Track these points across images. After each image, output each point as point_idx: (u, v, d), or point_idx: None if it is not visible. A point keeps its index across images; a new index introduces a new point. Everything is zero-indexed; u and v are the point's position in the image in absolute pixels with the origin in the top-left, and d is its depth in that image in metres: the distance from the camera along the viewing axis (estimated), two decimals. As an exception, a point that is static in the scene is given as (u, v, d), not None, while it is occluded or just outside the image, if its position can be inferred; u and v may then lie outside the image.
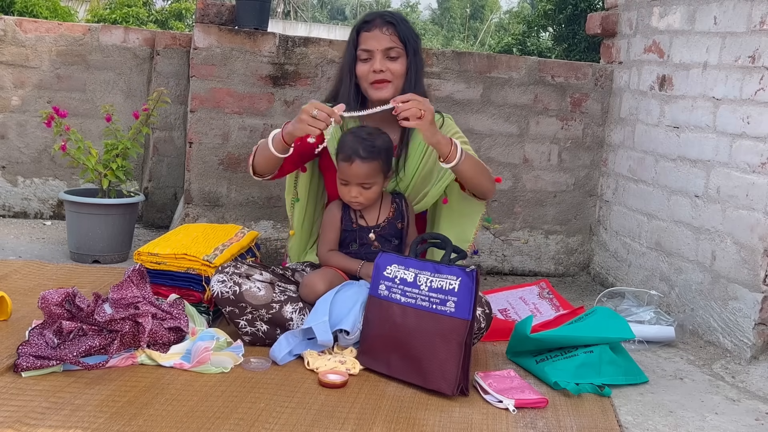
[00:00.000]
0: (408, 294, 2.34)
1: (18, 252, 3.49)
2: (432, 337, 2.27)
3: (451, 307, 2.27)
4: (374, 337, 2.39)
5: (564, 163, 3.89)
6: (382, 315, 2.37)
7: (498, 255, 3.89)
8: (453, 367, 2.23)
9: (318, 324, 2.38)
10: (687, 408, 2.37)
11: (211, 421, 1.97)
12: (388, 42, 2.64)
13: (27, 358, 2.14)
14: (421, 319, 2.30)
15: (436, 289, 2.31)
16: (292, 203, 2.84)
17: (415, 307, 2.32)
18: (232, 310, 2.48)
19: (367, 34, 2.65)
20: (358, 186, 2.57)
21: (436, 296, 2.30)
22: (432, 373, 2.26)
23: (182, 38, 4.11)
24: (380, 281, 2.40)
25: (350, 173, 2.56)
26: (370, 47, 2.63)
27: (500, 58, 3.80)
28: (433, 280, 2.32)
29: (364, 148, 2.53)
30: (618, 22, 3.89)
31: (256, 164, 2.68)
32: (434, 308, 2.29)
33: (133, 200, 3.53)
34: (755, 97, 2.85)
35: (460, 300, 2.26)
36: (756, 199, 2.81)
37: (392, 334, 2.34)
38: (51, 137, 4.01)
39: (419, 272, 2.35)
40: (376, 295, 2.40)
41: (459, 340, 2.24)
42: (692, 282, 3.13)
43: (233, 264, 2.56)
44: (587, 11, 10.30)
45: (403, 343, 2.31)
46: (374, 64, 2.63)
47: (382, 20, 2.66)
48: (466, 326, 2.25)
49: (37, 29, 4.03)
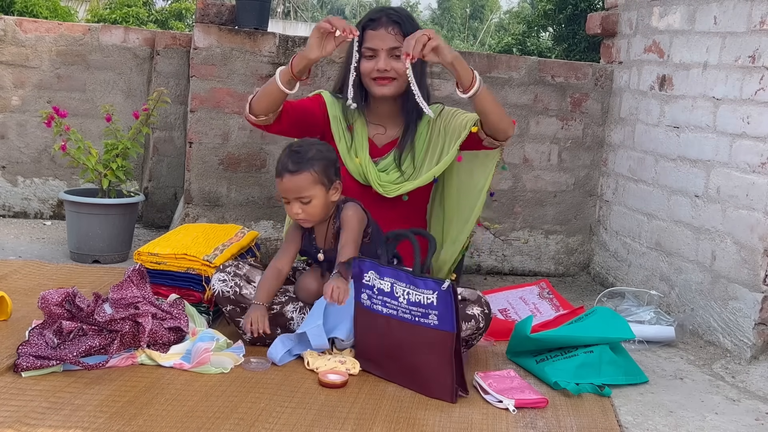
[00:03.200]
0: (388, 305, 2.30)
1: (18, 252, 3.49)
2: (421, 347, 2.25)
3: (434, 320, 2.22)
4: (368, 346, 2.38)
5: (564, 163, 3.89)
6: (370, 324, 2.36)
7: (498, 255, 3.89)
8: (447, 377, 2.21)
9: (312, 328, 2.37)
10: (687, 408, 2.37)
11: (211, 421, 1.97)
12: (393, 41, 2.65)
13: (27, 358, 2.14)
14: (406, 330, 2.27)
15: (414, 302, 2.24)
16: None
17: (397, 318, 2.28)
18: (233, 309, 2.48)
19: (372, 33, 2.66)
20: (297, 201, 2.44)
21: (417, 309, 2.24)
22: (428, 383, 2.24)
23: (182, 38, 4.11)
24: (362, 290, 2.36)
25: (282, 188, 2.45)
26: (375, 46, 2.65)
27: (500, 58, 3.80)
28: (410, 292, 2.25)
29: (292, 161, 2.42)
30: (618, 22, 3.89)
31: (255, 102, 2.61)
32: (417, 320, 2.25)
33: (133, 200, 3.53)
34: (755, 97, 2.85)
35: (442, 313, 2.20)
36: (756, 199, 2.81)
37: (382, 343, 2.32)
38: (51, 137, 4.01)
39: (395, 282, 2.28)
40: (360, 302, 2.38)
41: (447, 352, 2.21)
42: (692, 282, 3.13)
43: (234, 264, 2.56)
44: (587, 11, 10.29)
45: (395, 352, 2.30)
46: (379, 62, 2.64)
47: (388, 19, 2.66)
48: (452, 338, 2.20)
49: (37, 29, 4.03)
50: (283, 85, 2.53)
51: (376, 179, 2.75)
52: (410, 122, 2.77)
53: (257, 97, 2.61)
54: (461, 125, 2.73)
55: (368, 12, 2.78)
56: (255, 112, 2.62)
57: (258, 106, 2.61)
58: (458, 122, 2.75)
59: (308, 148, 2.46)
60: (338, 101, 2.79)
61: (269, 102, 2.59)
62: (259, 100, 2.60)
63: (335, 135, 2.75)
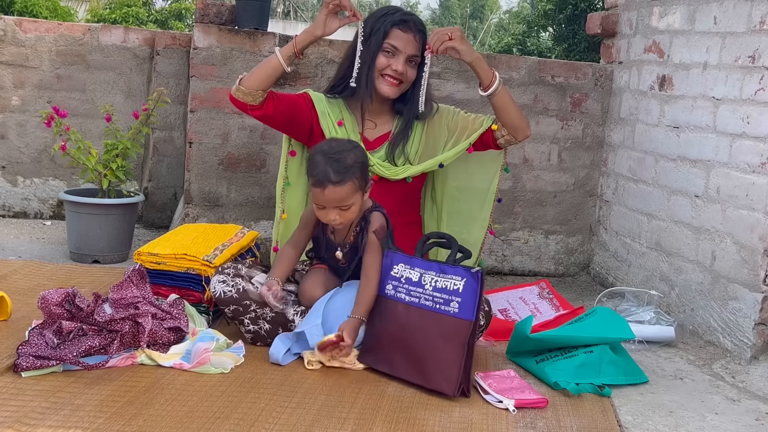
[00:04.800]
0: (412, 293, 2.35)
1: (18, 252, 3.49)
2: (434, 336, 2.27)
3: (455, 308, 2.27)
4: (378, 336, 2.39)
5: (564, 163, 3.88)
6: (387, 313, 2.38)
7: (498, 255, 3.89)
8: (455, 368, 2.23)
9: (310, 328, 2.37)
10: (687, 408, 2.37)
11: (211, 421, 1.97)
12: (415, 49, 2.72)
13: (27, 358, 2.14)
14: (424, 318, 2.30)
15: (440, 288, 2.31)
16: (283, 188, 2.86)
17: (418, 306, 2.32)
18: (236, 308, 2.48)
19: (401, 33, 2.70)
20: (336, 209, 2.39)
21: (440, 296, 2.30)
22: (433, 373, 2.26)
23: (182, 38, 4.11)
24: (387, 281, 2.41)
25: (323, 199, 2.37)
26: (400, 47, 2.69)
27: (500, 58, 3.80)
28: (437, 279, 2.32)
29: (334, 171, 2.34)
30: (618, 22, 3.89)
31: (248, 76, 2.62)
32: (438, 308, 2.29)
33: (133, 200, 3.53)
34: (755, 97, 2.85)
35: (464, 300, 2.26)
36: (756, 199, 2.81)
37: (396, 334, 2.34)
38: (51, 137, 4.01)
39: (424, 272, 2.35)
40: (383, 294, 2.41)
41: (461, 341, 2.25)
42: (692, 282, 3.12)
43: (233, 265, 2.56)
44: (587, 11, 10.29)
45: (407, 342, 2.32)
46: (398, 64, 2.69)
47: (417, 28, 2.72)
48: (469, 327, 2.25)
49: (37, 29, 4.03)
50: (283, 59, 2.59)
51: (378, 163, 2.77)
52: (410, 118, 2.80)
53: (252, 72, 2.64)
54: (476, 122, 2.82)
55: (398, 10, 2.78)
56: (246, 84, 2.62)
57: (251, 79, 2.61)
58: (469, 120, 2.84)
59: (345, 154, 2.38)
60: (326, 98, 2.80)
61: (265, 76, 2.62)
62: (254, 74, 2.62)
63: (325, 130, 2.76)
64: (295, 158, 2.86)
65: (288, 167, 2.86)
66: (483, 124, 2.79)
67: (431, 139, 2.85)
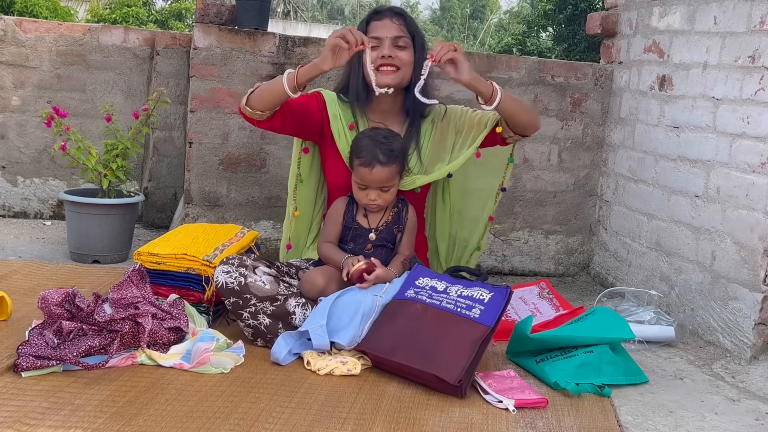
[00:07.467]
0: (434, 297, 2.41)
1: (18, 252, 3.49)
2: (447, 331, 2.29)
3: (476, 313, 2.32)
4: (386, 330, 2.38)
5: (564, 163, 3.89)
6: (400, 312, 2.40)
7: (498, 255, 3.89)
8: (461, 360, 2.22)
9: (315, 328, 2.37)
10: (687, 408, 2.37)
11: (211, 421, 1.97)
12: (397, 31, 2.70)
13: (27, 358, 2.14)
14: (441, 318, 2.33)
15: (465, 296, 2.38)
16: (295, 185, 2.87)
17: (438, 307, 2.37)
18: (236, 301, 2.47)
19: (377, 23, 2.72)
20: (377, 190, 2.61)
21: (464, 302, 2.36)
22: (437, 359, 2.24)
23: (182, 38, 4.11)
24: (409, 287, 2.46)
25: (370, 178, 2.59)
26: (380, 35, 2.69)
27: (500, 58, 3.80)
28: (464, 290, 2.41)
29: (383, 153, 2.57)
30: (618, 22, 3.89)
31: (254, 97, 2.61)
32: (458, 311, 2.34)
33: (133, 200, 3.53)
34: (755, 97, 2.85)
35: (488, 309, 2.32)
36: (756, 199, 2.81)
37: (406, 327, 2.35)
38: (51, 137, 4.01)
39: (451, 285, 2.44)
40: (401, 297, 2.44)
41: (474, 339, 2.26)
42: (692, 282, 3.13)
43: (239, 256, 2.56)
44: (587, 11, 10.30)
45: (416, 333, 2.33)
46: (383, 50, 2.68)
47: (392, 12, 2.77)
48: (485, 331, 2.28)
49: (37, 29, 4.03)
50: (289, 89, 2.55)
51: None
52: (414, 118, 2.79)
53: (258, 94, 2.61)
54: (480, 123, 2.81)
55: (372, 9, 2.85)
56: (252, 106, 2.62)
57: (257, 102, 2.61)
58: (475, 120, 2.83)
59: (391, 139, 2.63)
60: (339, 100, 2.80)
61: (270, 102, 2.60)
62: (259, 98, 2.60)
63: (335, 133, 2.76)
64: (307, 155, 2.86)
65: (300, 164, 2.86)
66: (487, 125, 2.78)
67: (441, 142, 2.85)
